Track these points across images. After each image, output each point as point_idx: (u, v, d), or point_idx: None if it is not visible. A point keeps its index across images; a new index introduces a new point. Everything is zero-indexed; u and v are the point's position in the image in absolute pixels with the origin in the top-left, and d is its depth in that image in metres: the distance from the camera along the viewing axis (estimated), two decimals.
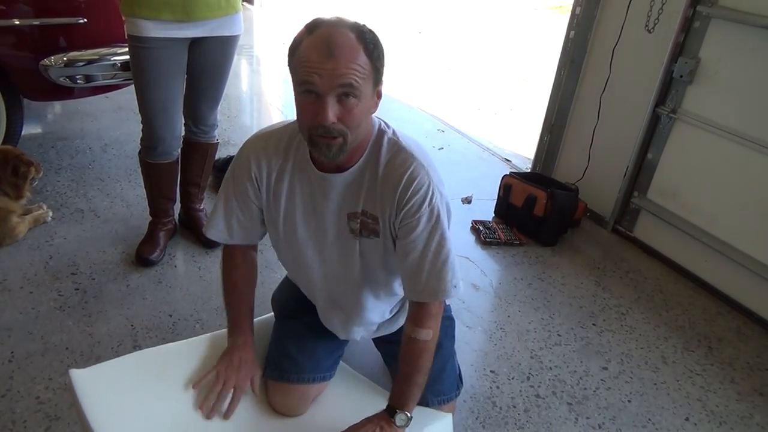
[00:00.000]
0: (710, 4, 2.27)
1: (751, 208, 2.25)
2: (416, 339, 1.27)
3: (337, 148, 1.12)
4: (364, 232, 1.28)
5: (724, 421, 1.79)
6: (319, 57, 1.05)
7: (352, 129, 1.10)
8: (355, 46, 1.07)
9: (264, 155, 1.29)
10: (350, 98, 1.07)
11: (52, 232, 2.32)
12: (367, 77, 1.08)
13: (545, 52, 5.52)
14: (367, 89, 1.09)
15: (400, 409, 1.25)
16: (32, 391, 1.61)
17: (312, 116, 1.09)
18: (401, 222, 1.22)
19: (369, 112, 1.15)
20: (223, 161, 2.81)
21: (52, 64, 2.40)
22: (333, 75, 1.05)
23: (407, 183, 1.19)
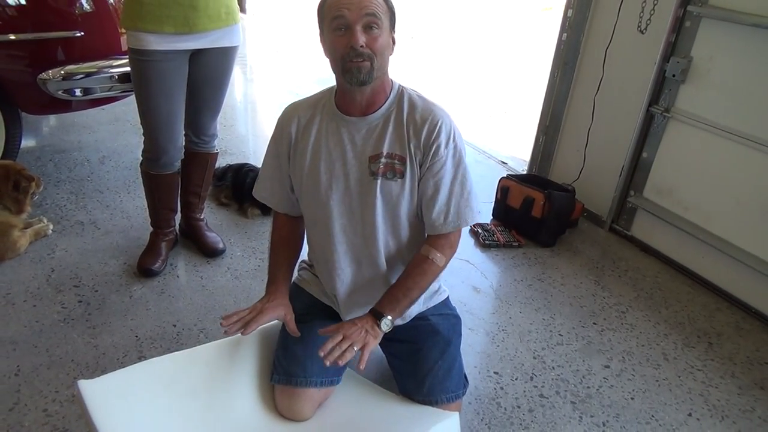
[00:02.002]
0: (701, 3, 2.30)
1: (746, 204, 2.27)
2: (430, 259, 1.41)
3: (367, 71, 1.28)
4: (389, 173, 1.38)
5: (726, 415, 1.81)
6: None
7: (377, 54, 1.28)
8: None
9: (293, 114, 1.45)
10: (374, 28, 1.26)
11: (53, 245, 2.32)
12: (385, 14, 1.28)
13: (539, 53, 5.56)
14: (386, 24, 1.29)
15: (385, 313, 1.36)
16: (39, 404, 1.62)
17: (344, 45, 1.26)
18: (430, 159, 1.37)
19: (388, 48, 1.33)
20: (221, 170, 2.83)
21: (50, 77, 2.41)
22: (359, 6, 1.24)
23: (431, 125, 1.35)
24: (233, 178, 2.79)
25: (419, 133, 1.36)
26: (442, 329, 1.55)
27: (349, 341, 1.29)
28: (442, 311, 1.62)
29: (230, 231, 2.56)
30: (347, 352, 1.28)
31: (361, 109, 1.37)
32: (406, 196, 1.40)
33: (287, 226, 1.56)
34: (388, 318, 1.36)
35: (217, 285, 2.19)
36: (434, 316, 1.58)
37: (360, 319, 1.37)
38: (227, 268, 2.29)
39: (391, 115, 1.38)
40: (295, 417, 1.43)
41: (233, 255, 2.38)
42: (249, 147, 3.52)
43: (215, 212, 2.69)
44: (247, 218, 2.68)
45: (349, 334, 1.31)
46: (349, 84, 1.31)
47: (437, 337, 1.53)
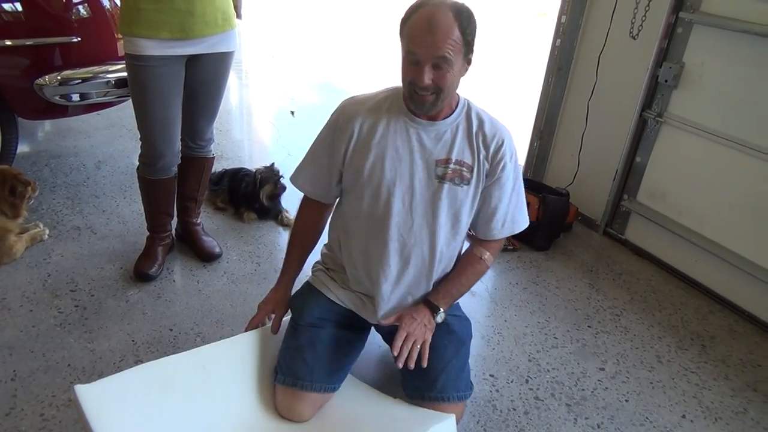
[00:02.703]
0: (692, 10, 2.33)
1: (738, 207, 2.30)
2: (483, 260, 1.55)
3: (430, 103, 1.37)
4: (456, 179, 1.46)
5: (719, 417, 1.82)
6: (421, 33, 1.30)
7: (443, 89, 1.35)
8: (452, 23, 1.29)
9: (357, 112, 1.48)
10: (443, 66, 1.31)
11: (49, 250, 2.32)
12: (458, 50, 1.32)
13: (533, 58, 5.59)
14: (458, 59, 1.33)
15: (441, 307, 1.48)
16: (36, 409, 1.62)
17: (413, 76, 1.34)
18: (497, 173, 1.47)
19: (459, 76, 1.38)
20: (218, 175, 2.84)
21: (46, 83, 2.41)
22: (432, 47, 1.29)
23: (499, 141, 1.46)
24: (229, 182, 2.80)
25: (488, 147, 1.46)
26: (457, 329, 1.60)
27: (413, 338, 1.40)
28: (455, 312, 1.66)
29: (226, 235, 2.56)
30: (422, 353, 1.41)
31: (429, 116, 1.45)
32: (468, 202, 1.49)
33: (313, 215, 1.64)
34: (442, 312, 1.49)
35: (214, 289, 2.20)
36: (449, 316, 1.60)
37: (417, 312, 1.47)
38: (224, 273, 2.30)
39: (460, 125, 1.47)
40: (295, 418, 1.46)
41: (230, 259, 2.39)
42: (245, 152, 3.53)
43: (211, 217, 2.70)
44: (244, 222, 2.68)
45: (412, 331, 1.41)
46: (413, 108, 1.43)
47: (452, 336, 1.57)
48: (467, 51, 1.35)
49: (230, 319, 2.03)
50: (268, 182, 2.67)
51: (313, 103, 4.55)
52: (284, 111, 4.27)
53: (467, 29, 1.31)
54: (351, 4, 9.09)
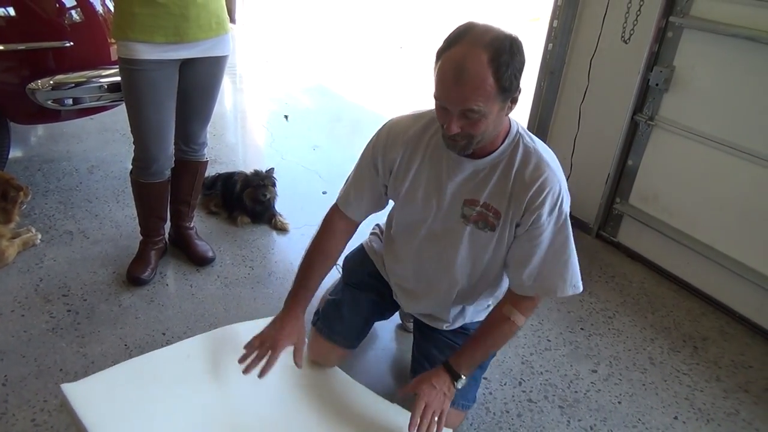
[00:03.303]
0: (682, 14, 2.35)
1: (729, 210, 2.31)
2: (512, 321, 1.39)
3: (461, 148, 1.25)
4: (480, 223, 1.37)
5: (711, 419, 1.83)
6: (448, 82, 1.16)
7: (475, 136, 1.22)
8: (484, 71, 1.12)
9: (400, 141, 1.41)
10: (474, 115, 1.17)
11: (41, 255, 2.31)
12: (492, 99, 1.16)
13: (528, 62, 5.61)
14: (491, 107, 1.17)
15: (463, 375, 1.39)
16: (27, 414, 1.61)
17: (441, 120, 1.23)
18: (530, 224, 1.32)
19: (497, 120, 1.23)
20: (211, 179, 2.84)
21: (39, 87, 2.41)
22: (458, 100, 1.16)
23: (540, 188, 1.28)
24: (223, 186, 2.79)
25: (524, 194, 1.29)
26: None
27: (431, 409, 1.32)
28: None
29: (220, 239, 2.56)
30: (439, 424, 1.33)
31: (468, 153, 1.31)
32: (492, 248, 1.40)
33: (339, 235, 1.53)
34: (463, 378, 1.38)
35: (207, 293, 2.19)
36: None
37: (437, 378, 1.37)
38: (217, 276, 2.30)
39: (500, 164, 1.32)
40: (323, 363, 1.58)
41: (223, 263, 2.39)
42: (239, 156, 3.53)
43: (205, 221, 2.69)
44: (237, 226, 2.68)
45: (431, 401, 1.33)
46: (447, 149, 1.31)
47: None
48: (507, 96, 1.18)
49: (223, 323, 2.02)
50: (249, 186, 2.68)
51: (307, 107, 4.55)
52: (278, 115, 4.27)
53: (505, 74, 1.13)
54: (344, 9, 9.11)
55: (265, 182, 2.68)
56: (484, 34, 1.14)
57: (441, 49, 1.18)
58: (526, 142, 1.32)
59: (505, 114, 1.24)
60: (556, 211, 1.31)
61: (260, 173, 2.72)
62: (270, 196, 2.68)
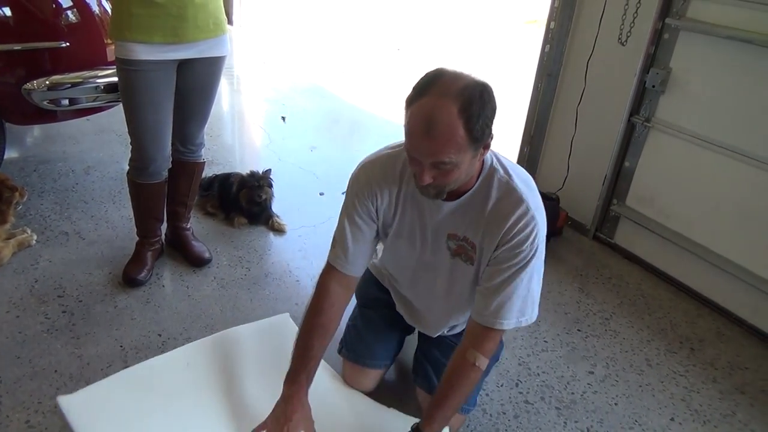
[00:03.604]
0: (678, 16, 2.36)
1: (725, 211, 2.32)
2: (477, 366, 1.31)
3: (434, 195, 1.24)
4: (462, 255, 1.38)
5: (708, 420, 1.83)
6: (418, 135, 1.13)
7: (448, 185, 1.21)
8: (454, 123, 1.10)
9: (382, 182, 1.37)
10: (444, 167, 1.15)
11: (37, 256, 2.30)
12: (463, 150, 1.13)
13: (523, 64, 5.63)
14: (464, 158, 1.15)
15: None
16: (22, 416, 1.60)
17: (413, 169, 1.21)
18: (500, 254, 1.29)
19: (469, 168, 1.21)
20: (207, 181, 2.83)
21: (35, 88, 2.40)
22: (429, 153, 1.13)
23: (513, 223, 1.26)
24: (219, 187, 2.79)
25: (499, 228, 1.27)
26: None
27: None
28: None
29: (216, 240, 2.55)
30: None
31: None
32: (470, 279, 1.41)
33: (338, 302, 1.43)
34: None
35: (203, 294, 2.19)
36: None
37: None
38: (213, 278, 2.29)
39: (476, 198, 1.31)
40: (360, 388, 1.62)
41: (219, 264, 2.38)
42: (236, 157, 3.53)
43: (201, 222, 2.69)
44: (234, 227, 2.68)
45: None
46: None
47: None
48: (477, 146, 1.16)
49: (220, 324, 2.02)
50: (245, 187, 2.67)
51: (304, 108, 4.55)
52: (275, 116, 4.27)
53: (476, 125, 1.11)
54: (342, 11, 9.12)
55: (260, 183, 2.67)
56: (453, 82, 1.12)
57: (410, 98, 1.15)
58: (500, 176, 1.30)
59: (478, 160, 1.22)
60: (527, 245, 1.27)
61: (256, 174, 2.71)
62: (265, 197, 2.68)
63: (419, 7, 9.82)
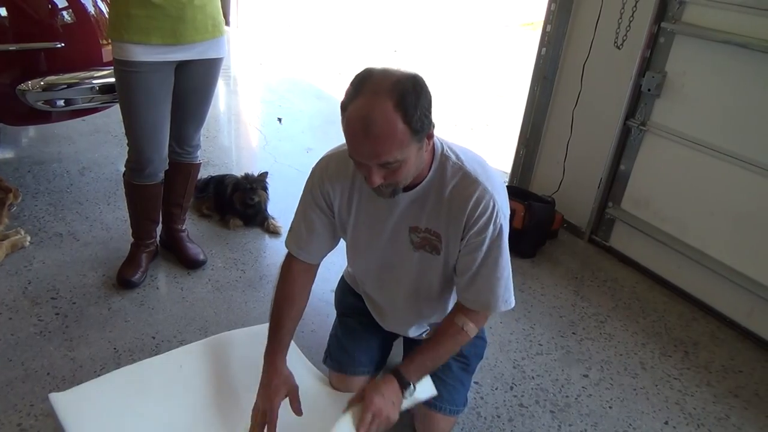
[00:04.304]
0: (674, 20, 2.37)
1: (720, 215, 2.32)
2: (464, 331, 1.36)
3: (388, 194, 1.23)
4: (428, 247, 1.36)
5: (702, 423, 1.83)
6: (357, 137, 1.11)
7: (400, 182, 1.20)
8: (392, 119, 1.08)
9: (335, 178, 1.37)
10: (392, 164, 1.14)
11: (30, 257, 2.29)
12: (406, 146, 1.12)
13: (519, 67, 5.64)
14: (408, 153, 1.14)
15: (412, 383, 1.34)
16: (14, 419, 1.59)
17: (362, 173, 1.19)
18: (467, 240, 1.29)
19: (417, 161, 1.20)
20: (203, 182, 2.82)
21: (29, 88, 2.39)
22: (372, 154, 1.11)
23: (474, 205, 1.25)
24: (215, 189, 2.78)
25: (461, 213, 1.27)
26: (463, 348, 1.54)
27: (378, 419, 1.27)
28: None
29: (211, 242, 2.55)
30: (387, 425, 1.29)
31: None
32: (440, 270, 1.39)
33: (300, 279, 1.46)
34: (412, 387, 1.34)
35: (198, 296, 2.18)
36: None
37: (386, 386, 1.31)
38: (208, 280, 2.28)
39: (432, 188, 1.30)
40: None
41: (214, 266, 2.37)
42: (232, 158, 3.52)
43: (196, 223, 2.68)
44: (229, 229, 2.67)
45: (379, 411, 1.27)
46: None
47: (458, 354, 1.53)
48: (420, 138, 1.14)
49: (214, 326, 2.02)
50: (239, 189, 2.67)
51: (301, 110, 4.55)
52: (271, 118, 4.26)
53: (414, 116, 1.09)
54: (339, 12, 9.12)
55: (254, 186, 2.67)
56: (383, 79, 1.11)
57: (344, 103, 1.14)
58: (452, 162, 1.29)
59: (426, 151, 1.22)
60: (491, 226, 1.27)
61: (250, 177, 2.71)
62: (259, 199, 2.67)
63: (416, 9, 9.84)
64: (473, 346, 1.61)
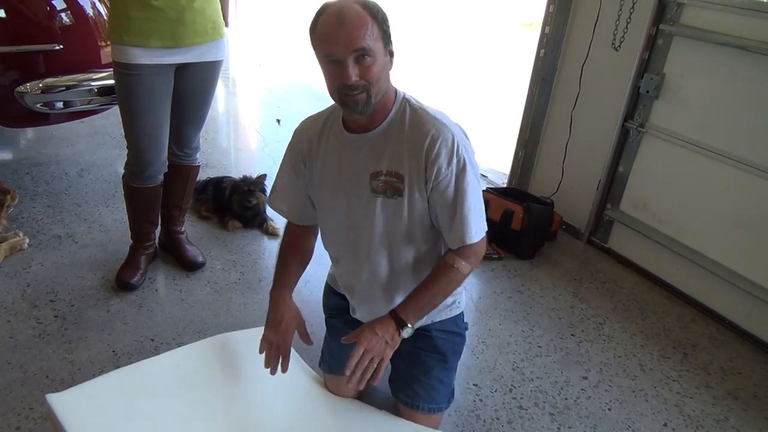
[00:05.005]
0: (672, 22, 2.37)
1: (718, 216, 2.33)
2: (456, 268, 1.38)
3: (364, 102, 1.27)
4: (389, 191, 1.37)
5: (700, 425, 1.83)
6: (333, 29, 1.22)
7: (372, 83, 1.25)
8: (362, 13, 1.22)
9: (306, 130, 1.48)
10: (366, 58, 1.23)
11: (29, 260, 2.29)
12: (376, 38, 1.24)
13: (518, 68, 5.65)
14: (378, 48, 1.25)
15: (409, 322, 1.35)
16: (12, 422, 1.59)
17: (338, 79, 1.25)
18: (434, 179, 1.32)
19: (385, 69, 1.29)
20: (202, 183, 2.82)
21: (28, 90, 2.39)
22: (347, 41, 1.21)
23: (432, 140, 1.30)
24: (214, 191, 2.78)
25: (420, 150, 1.31)
26: (439, 344, 1.57)
27: (370, 355, 1.30)
28: (447, 328, 1.61)
29: (210, 244, 2.55)
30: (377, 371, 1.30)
31: (363, 126, 1.36)
32: (405, 214, 1.37)
33: (299, 235, 1.58)
34: (409, 327, 1.35)
35: (197, 299, 2.18)
36: (437, 331, 1.58)
37: (381, 325, 1.34)
38: (207, 282, 2.28)
39: (392, 130, 1.35)
40: (343, 395, 1.60)
41: (213, 268, 2.37)
42: (231, 160, 3.52)
43: (195, 225, 2.68)
44: (228, 231, 2.67)
45: (371, 347, 1.30)
46: (349, 114, 1.34)
47: (434, 349, 1.57)
48: (386, 41, 1.27)
49: (213, 328, 2.01)
50: (236, 192, 2.67)
51: (299, 111, 4.54)
52: (270, 119, 4.26)
53: (379, 18, 1.24)
54: None
55: (251, 188, 2.66)
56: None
57: (314, 20, 1.26)
58: (412, 104, 1.37)
59: (389, 67, 1.31)
60: (455, 158, 1.31)
61: (248, 179, 2.71)
62: (256, 202, 2.67)
63: (415, 10, 9.84)
64: (452, 343, 1.60)
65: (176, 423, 1.34)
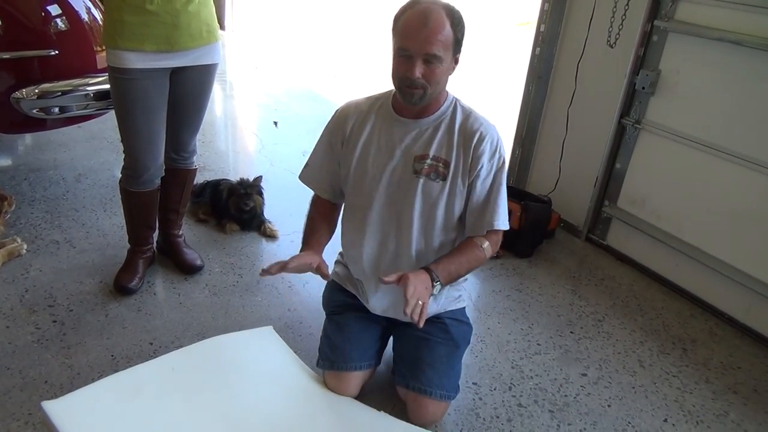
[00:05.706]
0: (667, 18, 2.37)
1: (716, 212, 2.33)
2: (482, 248, 1.55)
3: (419, 96, 1.44)
4: (432, 174, 1.52)
5: (701, 420, 1.83)
6: (415, 27, 1.37)
7: (432, 84, 1.42)
8: (444, 20, 1.37)
9: (350, 112, 1.61)
10: (434, 62, 1.38)
11: (27, 265, 2.29)
12: (448, 47, 1.40)
13: (515, 67, 5.65)
14: (447, 56, 1.41)
15: (441, 278, 1.46)
16: (11, 428, 1.58)
17: (403, 71, 1.41)
18: (477, 169, 1.51)
19: (447, 73, 1.46)
20: (199, 187, 2.82)
21: (24, 96, 2.38)
22: (423, 44, 1.36)
23: (481, 136, 1.51)
24: (211, 194, 2.78)
25: (469, 143, 1.50)
26: (453, 331, 1.68)
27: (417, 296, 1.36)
28: (458, 317, 1.76)
29: (208, 247, 2.55)
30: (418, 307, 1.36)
31: (415, 113, 1.52)
32: (444, 197, 1.53)
33: (325, 207, 1.71)
34: (439, 285, 1.46)
35: (195, 302, 2.18)
36: (449, 319, 1.70)
37: (420, 274, 1.42)
38: (205, 285, 2.28)
39: (443, 121, 1.53)
40: (343, 393, 1.63)
41: (211, 271, 2.37)
42: (228, 163, 3.52)
43: (193, 228, 2.68)
44: (226, 234, 2.67)
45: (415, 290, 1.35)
46: (403, 102, 1.49)
47: (447, 335, 1.66)
48: (456, 49, 1.43)
49: (212, 331, 2.01)
50: (233, 195, 2.67)
51: (297, 113, 4.55)
52: (267, 122, 4.26)
53: (458, 27, 1.39)
54: (334, 16, 9.13)
55: (248, 191, 2.66)
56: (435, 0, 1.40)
57: (400, 11, 1.41)
58: (462, 105, 1.56)
59: (450, 72, 1.46)
60: (496, 156, 1.53)
61: (245, 182, 2.70)
62: (253, 204, 2.67)
63: None
64: (462, 331, 1.72)
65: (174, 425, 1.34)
